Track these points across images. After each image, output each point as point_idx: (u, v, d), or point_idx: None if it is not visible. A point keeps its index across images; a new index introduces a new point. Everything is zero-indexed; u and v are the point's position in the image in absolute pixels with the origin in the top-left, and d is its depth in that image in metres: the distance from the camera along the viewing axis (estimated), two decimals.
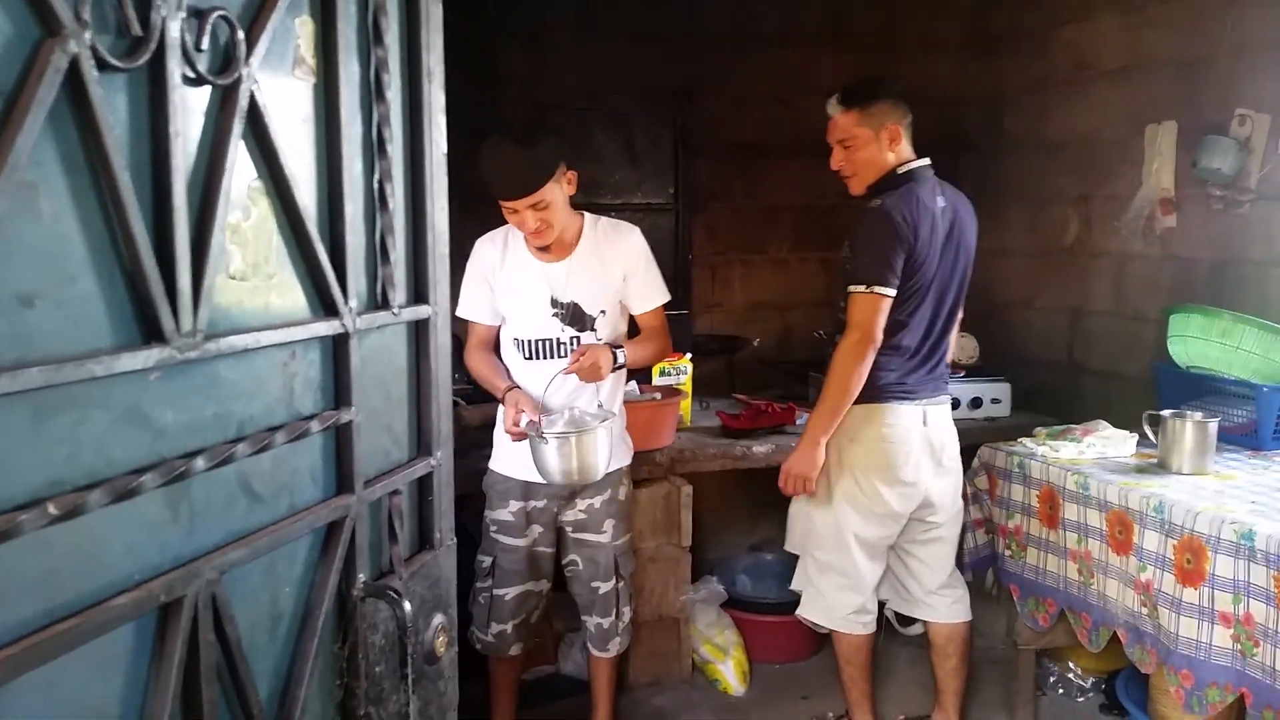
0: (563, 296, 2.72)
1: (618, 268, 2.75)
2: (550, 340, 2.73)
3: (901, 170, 2.83)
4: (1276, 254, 3.22)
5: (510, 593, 2.83)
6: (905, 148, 2.86)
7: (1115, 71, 3.83)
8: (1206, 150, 3.37)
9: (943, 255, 2.82)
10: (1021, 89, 4.34)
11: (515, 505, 2.80)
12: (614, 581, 2.91)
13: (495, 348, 2.84)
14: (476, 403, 3.48)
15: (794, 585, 3.14)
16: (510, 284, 2.74)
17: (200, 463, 1.10)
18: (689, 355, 3.66)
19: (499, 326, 2.82)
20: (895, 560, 3.06)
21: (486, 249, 2.78)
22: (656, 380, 3.57)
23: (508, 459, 2.79)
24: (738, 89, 4.42)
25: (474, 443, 3.13)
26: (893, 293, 2.73)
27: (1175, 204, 3.57)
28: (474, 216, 4.09)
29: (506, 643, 2.86)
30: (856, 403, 2.80)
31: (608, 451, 2.57)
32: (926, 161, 2.87)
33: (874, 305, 2.72)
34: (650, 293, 2.81)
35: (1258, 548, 2.30)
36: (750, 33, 4.39)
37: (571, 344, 2.72)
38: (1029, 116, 4.30)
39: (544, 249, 2.69)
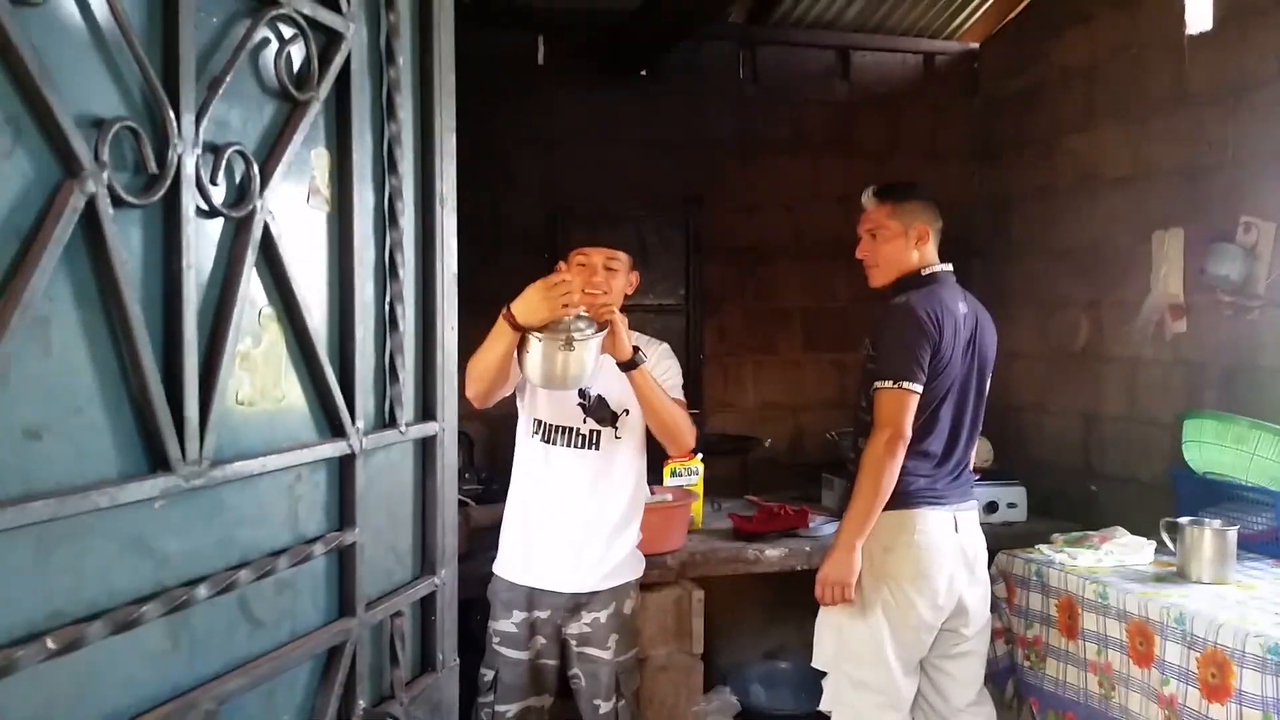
0: (591, 389, 2.68)
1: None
2: (571, 429, 2.68)
3: (926, 272, 2.87)
4: None
5: (512, 709, 2.71)
6: (930, 251, 2.90)
7: (1121, 179, 3.88)
8: (1214, 257, 3.39)
9: (965, 359, 2.83)
10: (1027, 195, 4.39)
11: (519, 616, 2.70)
12: (614, 701, 2.81)
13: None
14: (486, 503, 3.47)
15: (824, 705, 2.99)
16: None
17: (202, 591, 1.10)
18: (700, 455, 3.65)
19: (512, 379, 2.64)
20: (923, 677, 2.97)
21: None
22: (668, 481, 3.55)
23: (512, 563, 2.73)
24: (746, 194, 4.50)
25: (482, 544, 3.11)
26: (919, 389, 2.72)
27: (1185, 309, 3.58)
28: (490, 320, 4.18)
29: None
30: (887, 509, 2.75)
31: (594, 364, 2.47)
32: (950, 267, 2.90)
33: (902, 401, 2.71)
34: (671, 389, 2.77)
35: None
36: (758, 140, 4.48)
37: (592, 437, 2.68)
38: (1036, 222, 4.35)
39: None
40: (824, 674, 2.99)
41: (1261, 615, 2.45)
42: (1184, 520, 2.87)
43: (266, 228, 1.21)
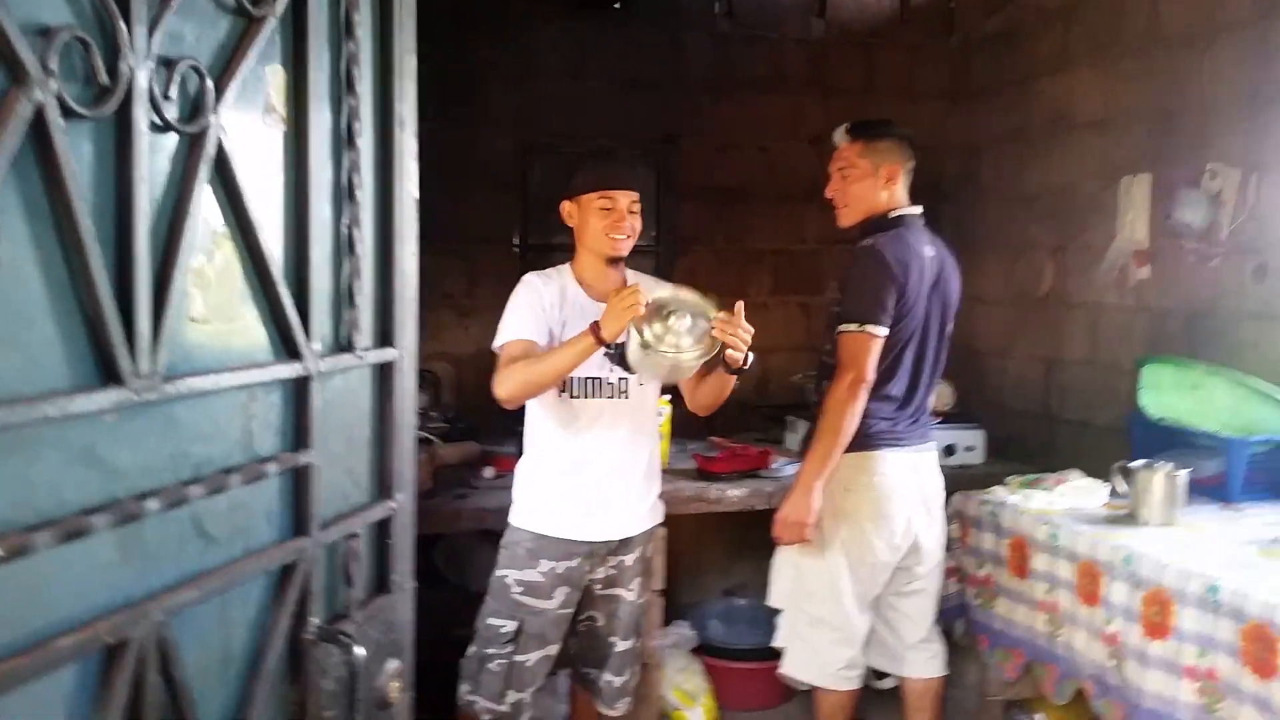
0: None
1: None
2: (599, 380, 2.65)
3: (894, 214, 2.87)
4: (1246, 307, 3.26)
5: (533, 658, 2.66)
6: (900, 192, 2.90)
7: (1091, 124, 3.89)
8: (1179, 203, 3.43)
9: (929, 303, 2.85)
10: (999, 139, 4.40)
11: (546, 565, 2.64)
12: (634, 640, 2.85)
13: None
14: (453, 440, 3.49)
15: (778, 641, 3.06)
16: (567, 320, 2.63)
17: (153, 503, 1.11)
18: (668, 397, 3.67)
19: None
20: (876, 614, 3.03)
21: (543, 283, 2.66)
22: None
23: (542, 515, 2.67)
24: (720, 134, 4.47)
25: (448, 481, 3.14)
26: (884, 332, 2.74)
27: (1149, 256, 3.62)
28: (459, 258, 4.18)
29: (522, 712, 2.69)
30: (848, 451, 2.79)
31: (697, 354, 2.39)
32: (919, 210, 2.91)
33: (865, 344, 2.72)
34: None
35: (1223, 601, 2.31)
36: (733, 79, 4.45)
37: (620, 384, 2.66)
38: (1006, 166, 4.36)
39: (614, 263, 2.68)
40: (780, 611, 3.06)
41: (1205, 557, 2.52)
42: (1136, 464, 2.92)
43: (220, 145, 1.20)
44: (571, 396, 2.64)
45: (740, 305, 2.40)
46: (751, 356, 2.48)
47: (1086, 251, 3.88)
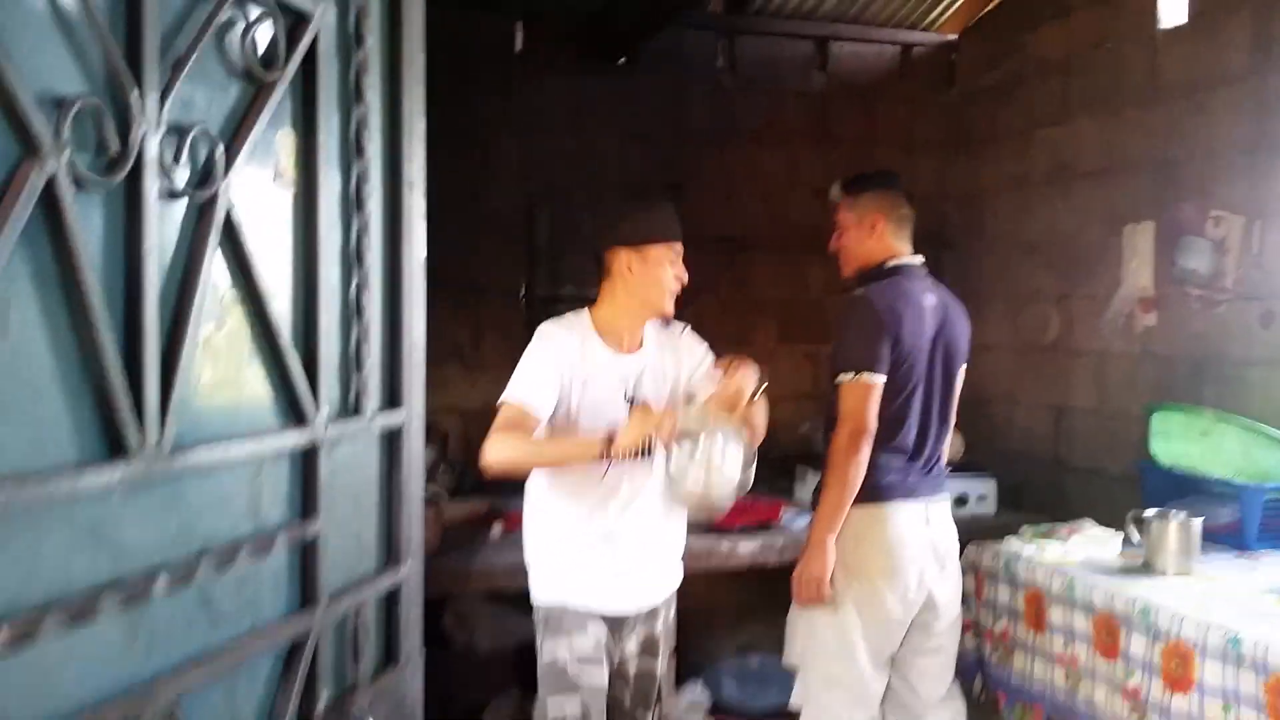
0: (634, 391, 2.45)
1: (685, 366, 2.55)
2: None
3: (890, 263, 2.86)
4: (1253, 353, 3.24)
5: None
6: (893, 241, 2.88)
7: (1093, 173, 3.90)
8: (1183, 251, 3.42)
9: (932, 351, 2.82)
10: (1001, 188, 4.41)
11: (595, 634, 2.43)
12: (654, 712, 2.67)
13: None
14: (459, 497, 3.45)
15: (794, 702, 2.97)
16: (587, 375, 2.38)
17: (161, 581, 1.08)
18: None
19: (540, 423, 2.34)
20: (894, 673, 2.97)
21: (564, 335, 2.40)
22: None
23: (576, 589, 2.43)
24: (723, 184, 4.49)
25: (455, 540, 3.09)
26: (881, 379, 2.71)
27: (1155, 303, 3.61)
28: (466, 309, 4.17)
29: None
30: (858, 503, 2.75)
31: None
32: (919, 260, 2.90)
33: (863, 393, 2.69)
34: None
35: (1245, 654, 2.27)
36: (736, 130, 4.47)
37: (644, 444, 2.31)
38: (1009, 215, 4.37)
39: (668, 320, 2.55)
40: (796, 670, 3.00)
41: (1224, 607, 2.47)
42: (1150, 513, 2.88)
43: (230, 211, 1.19)
44: (611, 463, 2.29)
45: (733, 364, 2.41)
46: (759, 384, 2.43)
47: (1092, 299, 3.87)
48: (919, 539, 2.82)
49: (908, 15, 4.50)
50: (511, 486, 3.29)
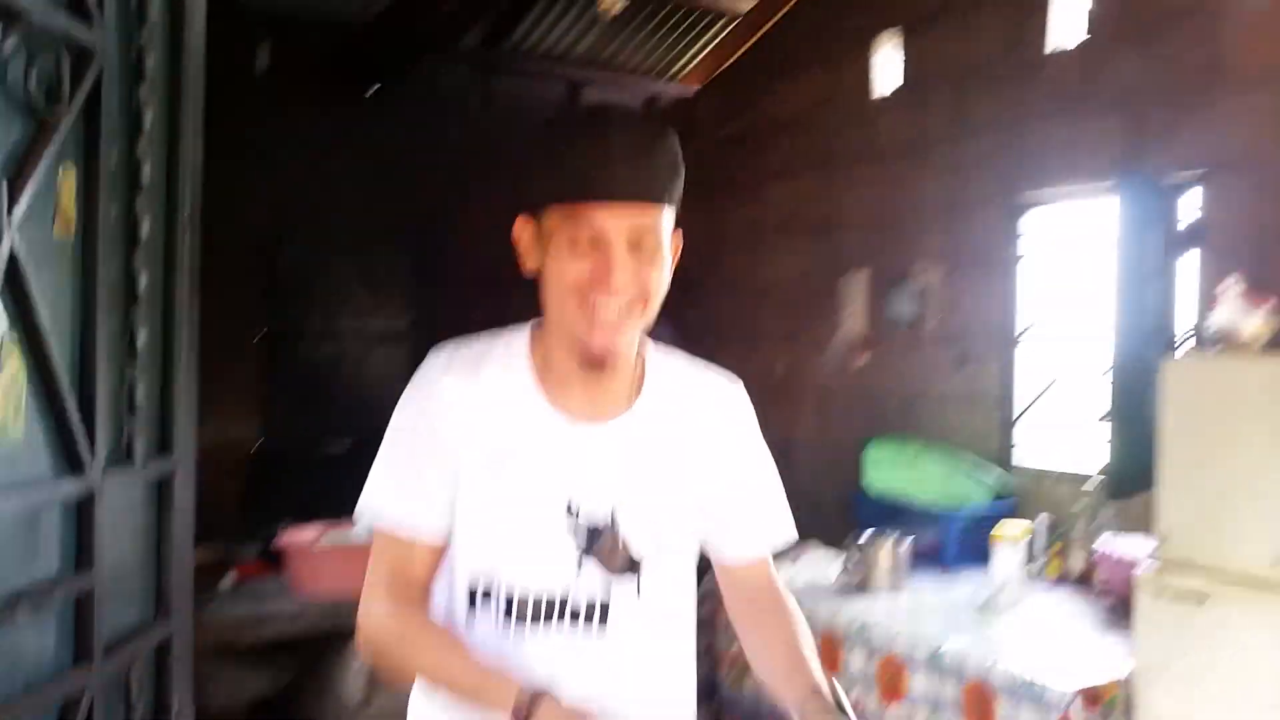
0: (593, 503, 1.16)
1: (712, 452, 1.26)
2: (554, 599, 1.15)
3: None
4: (953, 389, 3.67)
5: None
6: None
7: (817, 224, 4.27)
8: (892, 297, 3.83)
9: None
10: (737, 237, 4.72)
11: None
12: None
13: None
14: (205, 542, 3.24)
15: None
16: (494, 462, 1.15)
17: None
18: None
19: (444, 549, 1.17)
20: None
21: (452, 381, 1.17)
22: None
23: None
24: (479, 220, 4.49)
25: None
26: None
27: (869, 344, 4.00)
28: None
29: None
30: None
31: None
32: None
33: None
34: (768, 515, 1.30)
35: (947, 663, 2.54)
36: (491, 166, 4.51)
37: (592, 608, 1.15)
38: (744, 261, 4.68)
39: (596, 366, 1.13)
40: None
41: (930, 620, 2.76)
42: (865, 535, 3.16)
43: (14, 250, 1.13)
44: (510, 617, 1.15)
45: None
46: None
47: (816, 340, 4.23)
48: None
49: (653, 65, 4.74)
50: (245, 533, 3.13)
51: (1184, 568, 2.10)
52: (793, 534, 1.30)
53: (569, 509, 1.14)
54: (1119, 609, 2.51)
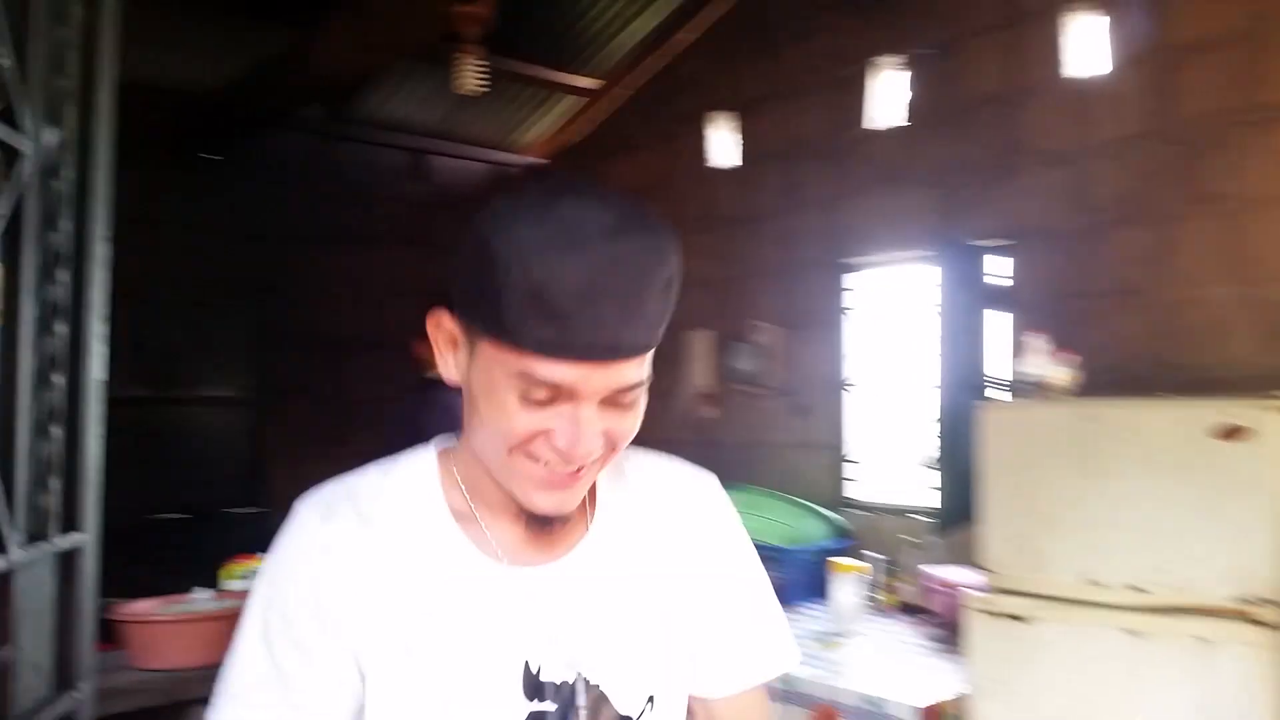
0: (553, 662, 0.89)
1: (692, 570, 1.02)
2: None
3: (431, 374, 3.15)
4: (793, 438, 3.95)
5: None
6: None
7: None
8: (734, 354, 4.11)
9: None
10: None
11: None
12: None
13: None
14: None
15: None
16: (410, 635, 0.86)
17: None
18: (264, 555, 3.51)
19: None
20: None
21: (337, 533, 0.87)
22: (225, 584, 2.64)
23: None
24: (322, 285, 4.55)
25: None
26: None
27: (715, 398, 4.25)
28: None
29: None
30: None
31: None
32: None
33: None
34: (763, 635, 1.05)
35: (795, 690, 2.74)
36: (336, 233, 4.58)
37: None
38: None
39: (541, 525, 0.87)
40: None
41: None
42: None
43: None
44: None
45: None
46: None
47: (666, 396, 4.46)
48: None
49: (494, 136, 4.91)
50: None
51: (1006, 592, 2.36)
52: (796, 657, 1.05)
53: (528, 674, 0.87)
54: (950, 632, 2.74)
